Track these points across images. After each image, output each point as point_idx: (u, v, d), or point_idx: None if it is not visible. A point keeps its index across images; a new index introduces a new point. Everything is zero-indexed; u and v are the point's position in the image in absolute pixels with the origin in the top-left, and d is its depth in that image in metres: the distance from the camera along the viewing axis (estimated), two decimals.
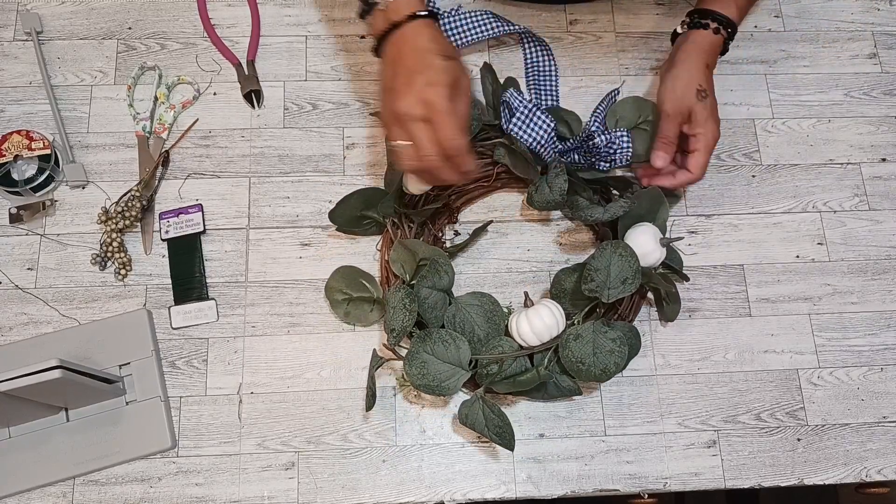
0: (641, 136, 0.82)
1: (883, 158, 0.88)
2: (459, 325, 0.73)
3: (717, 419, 0.77)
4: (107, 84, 0.86)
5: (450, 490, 0.74)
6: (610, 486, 0.75)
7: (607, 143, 0.77)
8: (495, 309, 0.74)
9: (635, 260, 0.71)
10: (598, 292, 0.71)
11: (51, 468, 0.71)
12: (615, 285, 0.71)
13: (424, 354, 0.70)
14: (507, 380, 0.71)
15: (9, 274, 0.78)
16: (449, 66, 0.64)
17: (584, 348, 0.70)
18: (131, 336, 0.75)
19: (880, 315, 0.82)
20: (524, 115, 0.76)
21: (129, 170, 0.83)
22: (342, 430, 0.75)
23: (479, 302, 0.74)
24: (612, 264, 0.71)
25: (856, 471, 0.76)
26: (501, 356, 0.71)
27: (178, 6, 0.90)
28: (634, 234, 0.74)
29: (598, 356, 0.70)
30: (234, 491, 0.73)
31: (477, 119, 0.77)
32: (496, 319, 0.74)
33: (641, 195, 0.76)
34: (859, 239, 0.84)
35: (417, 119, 0.63)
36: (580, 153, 0.79)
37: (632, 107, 0.83)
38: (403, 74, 0.64)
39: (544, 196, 0.75)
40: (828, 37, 0.93)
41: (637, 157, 0.81)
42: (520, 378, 0.71)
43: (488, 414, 0.70)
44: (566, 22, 0.91)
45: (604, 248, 0.71)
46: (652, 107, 0.82)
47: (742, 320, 0.81)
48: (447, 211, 0.81)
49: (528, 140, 0.76)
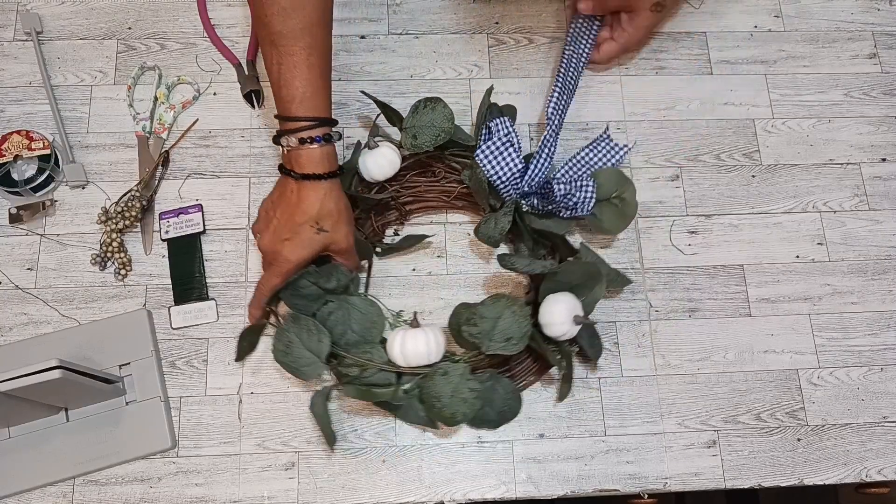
0: (609, 210, 0.78)
1: (883, 158, 0.88)
2: (333, 322, 0.73)
3: (717, 419, 0.77)
4: (107, 84, 0.86)
5: (450, 490, 0.74)
6: (610, 486, 0.75)
7: (565, 194, 0.75)
8: (378, 321, 0.74)
9: (527, 323, 0.69)
10: (478, 340, 0.70)
11: (51, 468, 0.71)
12: (497, 339, 0.69)
13: (292, 335, 0.71)
14: (363, 386, 0.70)
15: (9, 274, 0.78)
16: (315, 241, 0.70)
17: (444, 387, 0.69)
18: (131, 336, 0.75)
19: (880, 315, 0.82)
20: (495, 147, 0.75)
21: (129, 170, 0.83)
22: (342, 430, 0.75)
23: (364, 310, 0.73)
24: (501, 318, 0.70)
25: (856, 471, 0.76)
26: (364, 363, 0.70)
27: (178, 6, 0.90)
28: (551, 300, 0.71)
29: (453, 399, 0.69)
30: (234, 491, 0.73)
31: (446, 132, 0.77)
32: (372, 330, 0.73)
33: (576, 266, 0.72)
34: (859, 239, 0.84)
35: (263, 254, 0.73)
36: (538, 198, 0.78)
37: (612, 179, 0.79)
38: (281, 214, 0.70)
39: (487, 230, 0.75)
40: (828, 37, 0.93)
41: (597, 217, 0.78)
42: (375, 389, 0.70)
43: (323, 412, 0.71)
44: (566, 22, 0.91)
45: (498, 299, 0.70)
46: (631, 186, 0.79)
47: (742, 320, 0.81)
48: (397, 210, 0.81)
49: (489, 172, 0.76)
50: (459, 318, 0.71)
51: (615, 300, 0.80)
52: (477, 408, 0.69)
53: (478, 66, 0.89)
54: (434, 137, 0.77)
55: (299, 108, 0.68)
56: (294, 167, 0.69)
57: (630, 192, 0.78)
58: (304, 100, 0.68)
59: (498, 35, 0.90)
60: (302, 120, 0.68)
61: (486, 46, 0.90)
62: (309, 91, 0.68)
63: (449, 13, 0.91)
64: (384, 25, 0.90)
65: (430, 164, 0.80)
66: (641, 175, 0.85)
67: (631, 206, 0.78)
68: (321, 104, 0.69)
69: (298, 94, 0.68)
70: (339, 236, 0.71)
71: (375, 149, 0.76)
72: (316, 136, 0.68)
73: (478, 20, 0.91)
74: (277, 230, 0.70)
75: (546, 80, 0.89)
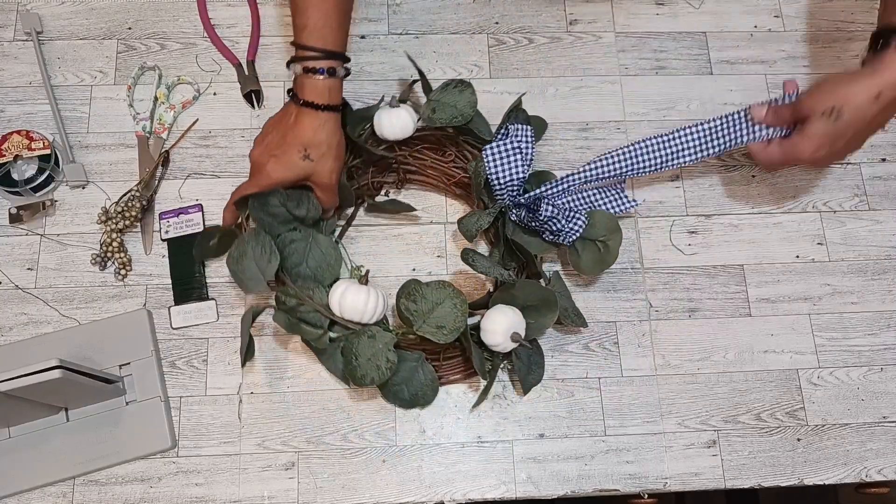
0: (591, 250, 0.77)
1: (883, 158, 0.88)
2: (292, 250, 0.74)
3: (717, 419, 0.77)
4: (107, 84, 0.86)
5: (450, 490, 0.74)
6: (610, 486, 0.75)
7: (550, 217, 0.73)
8: (334, 265, 0.74)
9: (464, 320, 0.69)
10: (412, 317, 0.70)
11: (51, 468, 0.71)
12: (430, 324, 0.70)
13: (248, 247, 0.72)
14: (295, 320, 0.71)
15: (9, 274, 0.78)
16: (298, 166, 0.71)
17: (365, 349, 0.70)
18: (131, 336, 0.75)
19: (880, 315, 0.82)
20: (504, 149, 0.75)
21: (129, 170, 0.83)
22: (342, 430, 0.75)
23: (325, 250, 0.74)
24: (441, 304, 0.70)
25: (856, 471, 0.76)
26: (303, 298, 0.71)
27: (178, 6, 0.90)
28: (496, 310, 0.71)
29: (369, 362, 0.70)
30: (234, 491, 0.73)
31: (464, 117, 0.78)
32: (326, 272, 0.74)
33: (534, 288, 0.71)
34: (859, 239, 0.84)
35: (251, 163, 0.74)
36: (526, 211, 0.76)
37: (605, 223, 0.77)
38: (276, 133, 0.73)
39: (467, 223, 0.75)
40: (828, 37, 0.93)
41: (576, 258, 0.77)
42: (305, 326, 0.71)
43: (247, 326, 0.71)
44: (566, 22, 0.91)
45: (444, 287, 0.70)
46: (619, 236, 0.77)
47: (742, 320, 0.81)
48: (396, 173, 0.81)
49: (490, 169, 0.75)
50: (404, 291, 0.72)
51: (615, 300, 0.80)
52: (386, 378, 0.70)
53: (478, 66, 0.89)
54: (451, 118, 0.78)
55: (309, 37, 0.70)
56: (298, 93, 0.72)
57: (615, 241, 0.76)
58: (315, 30, 0.70)
59: (498, 35, 0.90)
60: (309, 49, 0.70)
61: (486, 46, 0.90)
62: (320, 22, 0.70)
63: (449, 13, 0.91)
64: (384, 25, 0.90)
65: (444, 144, 0.81)
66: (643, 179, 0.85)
67: (611, 255, 0.76)
68: (332, 37, 0.71)
69: (310, 23, 0.70)
70: (323, 170, 0.72)
71: (395, 108, 0.77)
72: (320, 67, 0.70)
73: (478, 20, 0.91)
74: (269, 146, 0.73)
75: (546, 79, 0.88)
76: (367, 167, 0.80)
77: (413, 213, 0.81)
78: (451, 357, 0.75)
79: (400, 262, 0.81)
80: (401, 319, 0.73)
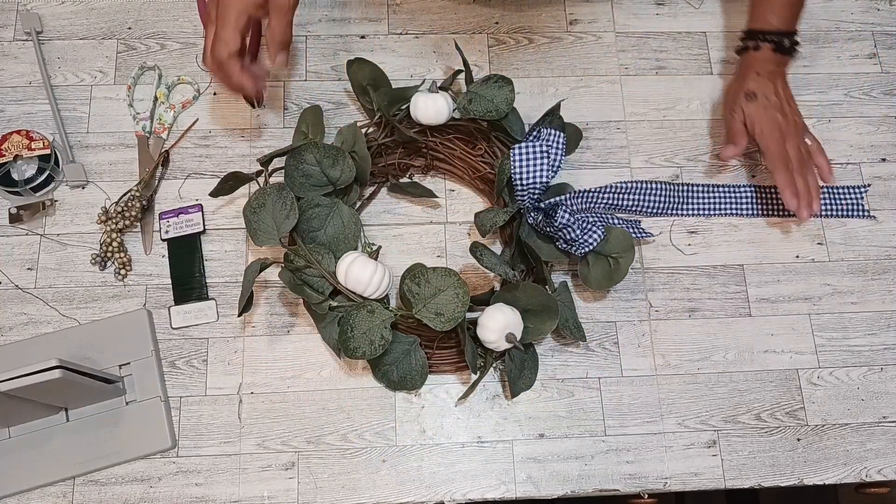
0: (601, 265, 0.76)
1: (883, 158, 0.88)
2: (313, 215, 0.74)
3: (717, 419, 0.77)
4: (107, 84, 0.86)
5: (450, 490, 0.74)
6: (610, 486, 0.75)
7: (565, 224, 0.73)
8: (350, 238, 0.75)
9: (463, 311, 0.69)
10: (413, 299, 0.70)
11: (51, 468, 0.72)
12: (430, 309, 0.70)
13: (268, 200, 0.72)
14: (299, 282, 0.72)
15: (9, 274, 0.78)
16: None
17: (362, 322, 0.70)
18: (131, 336, 0.75)
19: (880, 315, 0.82)
20: (531, 150, 0.75)
21: (128, 170, 0.83)
22: (342, 430, 0.75)
23: (346, 222, 0.75)
24: (443, 291, 0.70)
25: (856, 471, 0.76)
26: (311, 261, 0.71)
27: (178, 6, 0.90)
28: (496, 307, 0.70)
29: (363, 336, 0.70)
30: (234, 491, 0.73)
31: (497, 112, 0.78)
32: (341, 242, 0.75)
33: (537, 292, 0.71)
34: (859, 239, 0.84)
35: (210, 21, 0.70)
36: (543, 215, 0.76)
37: (621, 241, 0.77)
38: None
39: (483, 218, 0.75)
40: (828, 37, 0.93)
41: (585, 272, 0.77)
42: (306, 290, 0.71)
43: (250, 278, 0.71)
44: (566, 22, 0.91)
45: (449, 275, 0.70)
46: (631, 256, 0.76)
47: (742, 320, 0.81)
48: (426, 158, 0.82)
49: (514, 168, 0.75)
50: (409, 273, 0.72)
51: (615, 300, 0.80)
52: (377, 355, 0.70)
53: (478, 66, 0.89)
54: (486, 111, 0.77)
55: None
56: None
57: (627, 260, 0.76)
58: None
59: (498, 35, 0.90)
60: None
61: (486, 46, 0.90)
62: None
63: (449, 13, 0.91)
64: (384, 25, 0.90)
65: (476, 138, 0.81)
66: (642, 175, 0.85)
67: (620, 273, 0.76)
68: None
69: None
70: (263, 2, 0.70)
71: (433, 94, 0.78)
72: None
73: (478, 20, 0.91)
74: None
75: (546, 79, 0.89)
76: (396, 147, 0.81)
77: (418, 210, 0.81)
78: (445, 347, 0.75)
79: (400, 261, 0.80)
80: (402, 301, 0.73)
